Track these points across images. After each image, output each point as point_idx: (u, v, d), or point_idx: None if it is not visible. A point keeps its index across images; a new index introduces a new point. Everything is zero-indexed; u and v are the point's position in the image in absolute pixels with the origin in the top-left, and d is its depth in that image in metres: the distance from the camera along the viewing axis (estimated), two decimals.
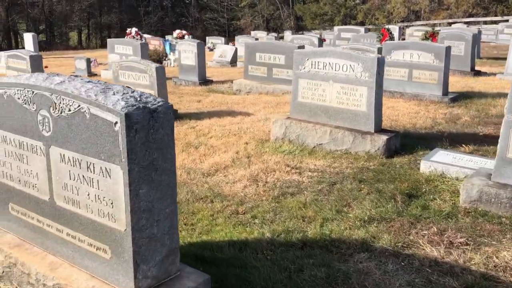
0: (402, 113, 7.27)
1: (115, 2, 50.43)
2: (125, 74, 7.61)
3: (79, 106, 2.41)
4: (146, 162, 2.35)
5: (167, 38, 22.99)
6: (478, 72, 11.47)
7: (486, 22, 30.98)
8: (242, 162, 5.28)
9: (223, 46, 17.39)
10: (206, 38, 25.77)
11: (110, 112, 2.28)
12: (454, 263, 3.16)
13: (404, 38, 21.78)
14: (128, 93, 2.42)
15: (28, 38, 22.25)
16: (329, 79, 5.66)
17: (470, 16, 33.89)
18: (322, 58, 5.68)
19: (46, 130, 2.63)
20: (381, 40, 15.05)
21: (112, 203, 2.41)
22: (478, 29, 16.81)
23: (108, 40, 13.37)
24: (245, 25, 43.69)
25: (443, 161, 4.77)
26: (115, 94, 2.39)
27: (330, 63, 5.62)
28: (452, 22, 31.53)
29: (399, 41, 11.65)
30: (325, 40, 20.15)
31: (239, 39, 20.27)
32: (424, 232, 3.60)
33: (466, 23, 28.53)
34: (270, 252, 3.35)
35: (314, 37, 17.98)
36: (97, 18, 50.05)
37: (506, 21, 26.47)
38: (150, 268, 2.48)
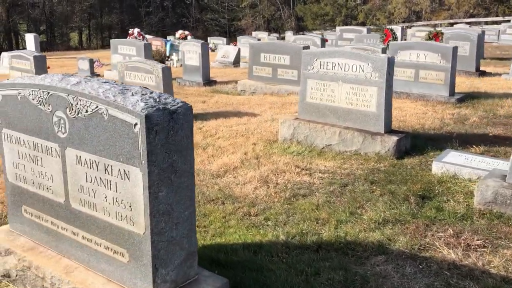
0: (409, 113, 7.23)
1: (116, 2, 50.37)
2: (130, 74, 7.57)
3: (97, 107, 2.36)
4: (166, 164, 2.31)
5: (169, 38, 22.97)
6: (483, 72, 11.43)
7: (487, 23, 30.96)
8: (251, 163, 5.24)
9: (226, 47, 17.35)
10: (207, 38, 25.72)
11: (130, 113, 2.24)
12: (473, 266, 3.12)
13: (405, 38, 21.74)
14: (146, 94, 2.38)
15: (29, 39, 22.17)
16: (338, 80, 5.62)
17: (471, 16, 33.87)
18: (331, 58, 5.64)
19: (62, 131, 2.58)
20: (384, 40, 15.02)
21: (130, 206, 2.37)
22: (481, 29, 16.75)
23: (111, 40, 13.33)
24: (246, 25, 43.63)
25: (455, 162, 4.73)
26: (134, 95, 2.35)
27: (339, 63, 5.58)
28: (453, 23, 31.51)
29: (406, 41, 11.59)
30: (327, 40, 20.08)
31: (241, 40, 20.23)
32: (440, 234, 3.56)
33: (468, 24, 28.49)
34: (285, 255, 3.31)
35: (316, 37, 17.93)
36: (97, 18, 49.99)
37: (508, 21, 26.45)
38: (168, 272, 2.43)
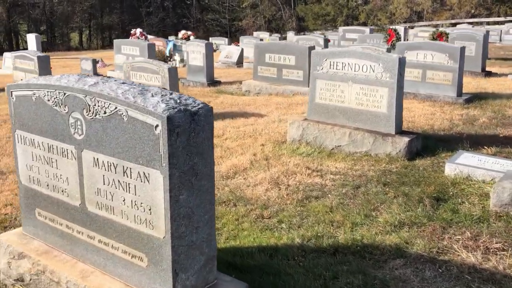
0: (417, 114, 7.18)
1: (117, 3, 50.31)
2: (136, 75, 7.51)
3: (116, 108, 2.31)
4: (187, 167, 2.26)
5: (170, 38, 22.93)
6: (489, 72, 11.38)
7: (488, 23, 30.92)
8: (260, 165, 5.19)
9: (229, 47, 17.30)
10: (209, 39, 25.67)
11: (151, 115, 2.19)
12: (494, 270, 3.06)
13: (407, 39, 21.67)
14: (166, 95, 2.32)
15: (31, 39, 22.12)
16: (348, 80, 5.57)
17: (473, 16, 33.84)
18: (341, 58, 5.59)
19: (79, 133, 2.53)
20: (388, 40, 14.97)
21: (150, 209, 2.32)
22: (486, 29, 16.71)
23: (114, 41, 13.28)
24: (247, 26, 43.57)
25: (468, 163, 4.68)
26: (154, 96, 2.29)
27: (349, 64, 5.53)
28: (455, 23, 31.48)
29: (413, 41, 11.53)
30: (329, 40, 20.02)
31: (244, 40, 20.17)
32: (457, 237, 3.50)
33: (470, 24, 28.45)
34: (301, 258, 3.26)
35: (319, 37, 17.89)
36: (98, 19, 49.93)
37: (511, 21, 26.39)
38: (188, 277, 2.38)
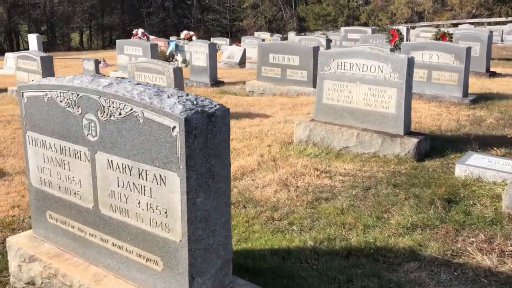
0: (424, 115, 7.14)
1: (117, 3, 50.27)
2: (141, 75, 7.47)
3: (132, 110, 2.27)
4: (204, 169, 2.22)
5: (172, 38, 22.88)
6: (493, 73, 11.34)
7: (490, 23, 30.89)
8: (268, 166, 5.15)
9: (231, 47, 17.26)
10: (210, 39, 25.62)
11: (168, 116, 2.15)
12: (510, 273, 3.02)
13: (409, 39, 21.64)
14: (183, 96, 2.28)
15: (32, 39, 22.05)
16: (356, 80, 5.53)
17: (474, 17, 33.80)
18: (348, 58, 5.55)
19: (92, 134, 2.49)
20: (391, 41, 14.94)
21: (166, 212, 2.28)
22: (489, 30, 16.66)
23: (117, 41, 13.24)
24: (247, 26, 43.54)
25: (479, 164, 4.64)
26: (170, 97, 2.26)
27: (357, 64, 5.49)
28: (456, 23, 31.44)
29: (418, 42, 11.49)
30: (331, 41, 19.97)
31: (246, 40, 20.13)
32: (471, 239, 3.46)
33: (471, 24, 28.41)
34: (314, 261, 3.22)
35: (321, 37, 17.85)
36: (98, 19, 49.91)
37: None
38: (205, 281, 2.34)
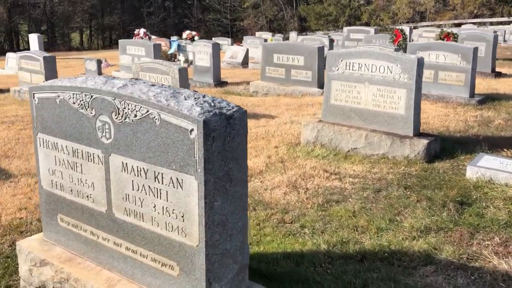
0: (431, 115, 7.09)
1: (117, 3, 50.23)
2: (146, 75, 7.42)
3: (148, 111, 2.22)
4: (222, 173, 2.17)
5: (173, 38, 22.81)
6: (499, 73, 11.29)
7: (492, 23, 30.84)
8: (276, 167, 5.10)
9: (234, 47, 17.21)
10: (211, 39, 25.55)
11: (186, 118, 2.10)
12: None
13: (412, 39, 21.59)
14: (200, 97, 2.24)
15: (33, 39, 22.02)
16: (364, 81, 5.48)
17: (476, 17, 33.76)
18: (357, 59, 5.50)
19: (106, 137, 2.44)
20: (394, 41, 14.88)
21: (183, 216, 2.23)
22: (493, 30, 16.62)
23: (119, 41, 13.18)
24: (248, 26, 43.49)
25: (490, 166, 4.59)
26: (187, 98, 2.21)
27: (366, 64, 5.44)
28: (458, 23, 31.40)
29: (424, 42, 11.44)
30: (333, 41, 19.93)
31: (248, 40, 20.09)
32: (486, 242, 3.42)
33: (474, 24, 28.36)
34: (328, 265, 3.17)
35: (324, 37, 17.81)
36: (99, 19, 49.87)
37: None
38: (222, 286, 2.29)
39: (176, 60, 16.83)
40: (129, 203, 2.44)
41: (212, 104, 2.20)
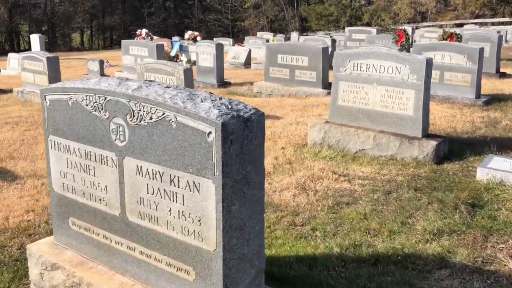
0: (438, 116, 7.05)
1: (118, 3, 50.22)
2: (150, 76, 7.38)
3: (164, 114, 2.18)
4: (240, 176, 2.14)
5: (174, 39, 22.78)
6: (503, 74, 11.25)
7: (493, 23, 30.80)
8: (284, 169, 5.06)
9: (236, 48, 17.18)
10: (213, 39, 25.52)
11: (203, 121, 2.06)
12: None
13: (414, 39, 21.55)
14: (217, 100, 2.20)
15: (35, 39, 21.98)
16: (372, 82, 5.44)
17: (477, 17, 33.72)
18: (365, 59, 5.47)
19: (120, 139, 2.40)
20: (397, 41, 14.85)
21: (199, 220, 2.19)
22: (497, 30, 16.57)
23: (122, 41, 13.16)
24: (249, 26, 43.47)
25: (501, 168, 4.55)
26: (204, 101, 2.17)
27: (374, 65, 5.40)
28: (459, 24, 31.37)
29: (430, 42, 11.41)
30: (335, 41, 19.88)
31: (250, 41, 20.06)
32: (501, 245, 3.38)
33: (475, 24, 28.33)
34: (342, 269, 3.13)
35: (326, 37, 17.78)
36: (100, 19, 49.84)
37: None
38: None
39: (178, 60, 16.80)
40: (143, 207, 2.40)
41: (229, 106, 2.16)
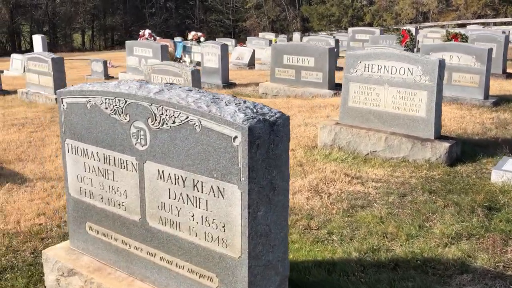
0: (447, 117, 7.00)
1: (120, 3, 50.15)
2: (157, 77, 7.34)
3: (187, 118, 2.14)
4: (265, 181, 2.09)
5: (177, 39, 22.72)
6: (510, 74, 11.19)
7: (495, 23, 30.75)
8: (295, 171, 5.01)
9: (240, 48, 17.13)
10: (215, 39, 25.46)
11: (229, 125, 2.01)
12: None
13: (418, 40, 21.50)
14: (241, 103, 2.15)
15: (37, 40, 21.94)
16: (384, 83, 5.40)
17: (479, 17, 33.67)
18: (376, 60, 5.42)
19: (141, 143, 2.36)
20: (401, 41, 14.80)
21: (224, 227, 2.14)
22: (502, 30, 16.52)
23: (126, 42, 13.11)
24: (251, 26, 43.43)
25: None
26: (228, 104, 2.12)
27: (385, 66, 5.35)
28: (461, 24, 31.32)
29: (438, 43, 11.36)
30: (338, 41, 19.83)
31: (253, 41, 20.02)
32: None
33: (477, 24, 28.27)
34: (361, 274, 3.08)
35: (329, 38, 17.74)
36: (101, 19, 49.78)
37: None
38: None
39: (181, 61, 16.75)
40: (165, 212, 2.35)
41: (254, 110, 2.11)
